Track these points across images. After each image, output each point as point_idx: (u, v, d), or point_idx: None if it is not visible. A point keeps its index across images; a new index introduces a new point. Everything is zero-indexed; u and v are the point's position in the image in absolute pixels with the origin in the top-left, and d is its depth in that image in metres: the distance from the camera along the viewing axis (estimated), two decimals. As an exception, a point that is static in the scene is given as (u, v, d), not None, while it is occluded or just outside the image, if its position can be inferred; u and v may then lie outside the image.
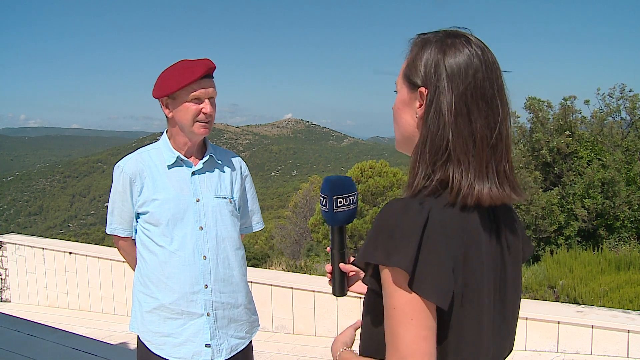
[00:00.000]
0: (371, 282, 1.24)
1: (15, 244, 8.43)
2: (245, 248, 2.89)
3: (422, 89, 1.25)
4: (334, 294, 1.65)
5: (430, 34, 1.31)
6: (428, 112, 1.24)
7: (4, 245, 8.54)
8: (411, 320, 1.11)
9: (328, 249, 1.65)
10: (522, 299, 1.44)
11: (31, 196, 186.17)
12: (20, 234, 9.52)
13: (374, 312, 1.27)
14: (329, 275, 1.64)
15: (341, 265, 1.59)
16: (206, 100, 2.56)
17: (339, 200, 1.54)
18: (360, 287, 1.64)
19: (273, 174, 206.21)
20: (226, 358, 2.64)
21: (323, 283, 6.47)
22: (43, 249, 8.17)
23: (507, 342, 1.36)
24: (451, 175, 1.21)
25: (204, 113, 2.56)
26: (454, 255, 1.16)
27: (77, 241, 16.27)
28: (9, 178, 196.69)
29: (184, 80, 2.51)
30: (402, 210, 1.16)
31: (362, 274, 1.58)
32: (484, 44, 1.27)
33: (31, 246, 8.29)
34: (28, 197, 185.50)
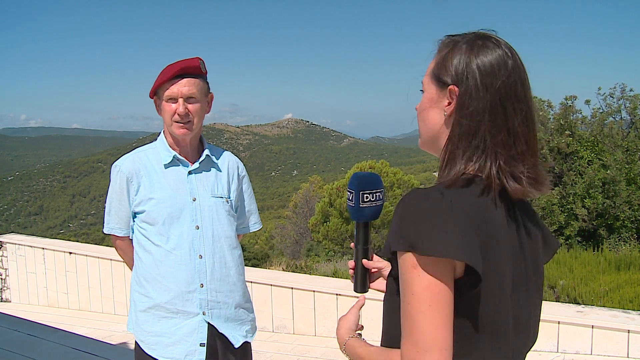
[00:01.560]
0: (397, 272, 1.24)
1: (15, 244, 8.44)
2: (245, 248, 2.89)
3: (453, 87, 1.28)
4: (355, 290, 1.66)
5: (459, 36, 1.34)
6: (460, 110, 1.27)
7: (4, 245, 8.55)
8: (429, 306, 1.12)
9: (352, 244, 1.66)
10: None
11: (31, 196, 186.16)
12: (21, 234, 9.52)
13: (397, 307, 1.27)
14: (351, 271, 1.65)
15: (364, 261, 1.61)
16: (180, 100, 2.55)
17: (365, 195, 1.56)
18: (381, 284, 1.67)
19: (273, 174, 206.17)
20: (239, 344, 2.65)
21: (323, 283, 6.47)
22: (43, 249, 8.17)
23: (529, 335, 1.36)
24: (487, 168, 1.25)
25: (178, 114, 2.55)
26: (477, 240, 1.16)
27: (77, 241, 16.27)
28: (9, 178, 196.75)
29: (159, 79, 2.53)
30: (424, 198, 1.17)
31: (385, 271, 1.65)
32: (511, 46, 1.31)
33: (31, 246, 8.29)
34: (28, 197, 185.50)
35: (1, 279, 8.59)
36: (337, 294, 6.13)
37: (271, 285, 6.58)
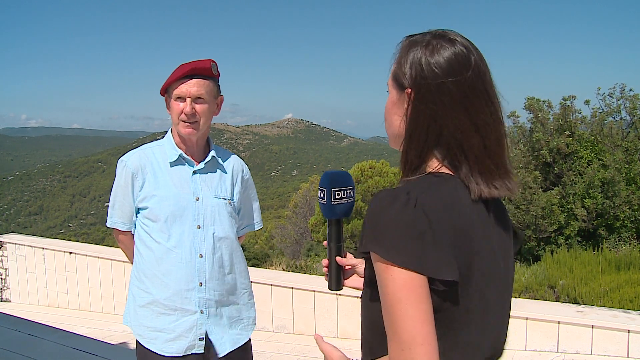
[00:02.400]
0: (370, 272, 1.25)
1: (15, 243, 8.44)
2: (245, 248, 2.91)
3: (408, 90, 1.28)
4: (330, 289, 1.67)
5: (417, 36, 1.33)
6: (414, 111, 1.27)
7: (4, 245, 8.55)
8: (406, 303, 1.12)
9: (325, 242, 1.67)
10: (522, 299, 1.46)
11: (31, 196, 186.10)
12: (21, 233, 9.52)
13: (375, 305, 1.27)
14: (325, 269, 1.67)
15: (337, 258, 1.63)
16: (188, 100, 2.57)
17: (336, 192, 1.60)
18: (355, 281, 1.70)
19: (273, 173, 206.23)
20: (225, 354, 2.65)
21: (323, 283, 6.44)
22: (43, 248, 8.17)
23: (502, 337, 1.37)
24: (456, 167, 1.26)
25: (184, 113, 2.58)
26: (446, 242, 1.17)
27: (77, 241, 16.26)
28: (9, 178, 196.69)
29: (170, 78, 2.57)
30: (390, 200, 1.18)
31: (359, 268, 1.70)
32: (469, 42, 1.29)
33: (31, 246, 8.29)
34: (28, 196, 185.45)
35: (1, 278, 8.59)
36: (337, 294, 6.13)
37: (271, 285, 6.58)
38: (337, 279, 1.65)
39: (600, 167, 15.26)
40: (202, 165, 2.70)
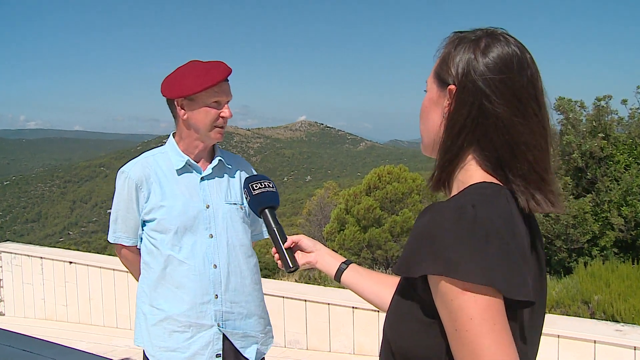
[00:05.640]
0: (425, 294, 1.21)
1: (11, 253, 8.47)
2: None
3: (451, 87, 1.27)
4: (288, 269, 1.82)
5: (466, 32, 1.33)
6: (456, 109, 1.26)
7: (-1, 254, 8.58)
8: (494, 326, 1.09)
9: (269, 237, 1.93)
10: (553, 315, 1.45)
11: (29, 202, 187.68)
12: (17, 242, 9.57)
13: (418, 320, 1.24)
14: (276, 255, 1.86)
15: (288, 239, 1.86)
16: (226, 105, 2.63)
17: (254, 185, 1.94)
18: (303, 259, 1.88)
19: (285, 179, 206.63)
20: None
21: (338, 295, 6.44)
22: (41, 258, 8.19)
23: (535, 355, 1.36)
24: (502, 177, 1.26)
25: (222, 117, 2.62)
26: (519, 260, 1.14)
27: (78, 250, 16.37)
28: (5, 183, 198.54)
29: (206, 82, 2.55)
30: (458, 216, 1.14)
31: (302, 243, 1.89)
32: (522, 45, 1.29)
33: (28, 255, 8.32)
34: (25, 203, 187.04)
35: (-4, 290, 8.63)
36: (353, 307, 6.10)
37: (283, 297, 6.56)
38: (291, 256, 1.84)
39: (639, 172, 15.09)
40: (209, 170, 2.71)
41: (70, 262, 7.99)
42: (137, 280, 2.80)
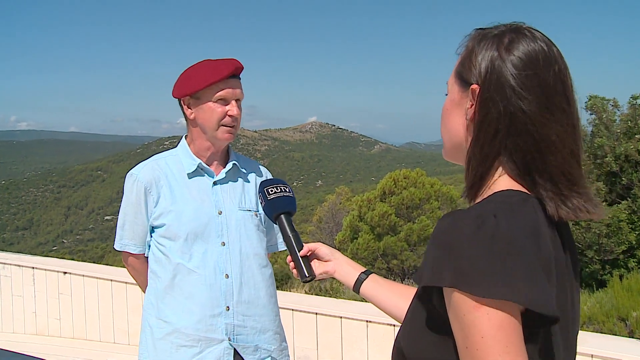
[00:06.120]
0: (440, 306, 1.20)
1: (0, 262, 8.50)
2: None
3: (474, 86, 1.26)
4: (304, 278, 1.83)
5: (488, 29, 1.32)
6: (481, 111, 1.25)
7: (-12, 264, 8.62)
8: (506, 347, 1.07)
9: (285, 245, 1.92)
10: (586, 332, 1.43)
11: (20, 208, 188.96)
12: (6, 251, 9.59)
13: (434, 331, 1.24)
14: (291, 263, 1.86)
15: (305, 246, 1.85)
16: (233, 102, 2.62)
17: (269, 189, 1.95)
18: (323, 267, 1.87)
19: (295, 184, 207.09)
20: None
21: (351, 308, 6.42)
22: (33, 268, 8.21)
23: None
24: (529, 183, 1.24)
25: (229, 115, 2.62)
26: (542, 272, 1.12)
27: (73, 259, 16.45)
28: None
29: (210, 78, 2.57)
30: (476, 225, 1.12)
31: (320, 251, 1.88)
32: (549, 40, 1.28)
33: (19, 265, 8.34)
34: (16, 209, 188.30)
35: (-15, 302, 8.66)
36: (367, 321, 6.07)
37: (292, 310, 6.54)
38: (308, 265, 1.84)
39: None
40: (222, 174, 2.72)
41: (65, 273, 8.01)
42: (144, 292, 2.80)
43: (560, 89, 1.24)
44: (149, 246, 2.72)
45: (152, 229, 2.68)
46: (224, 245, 2.63)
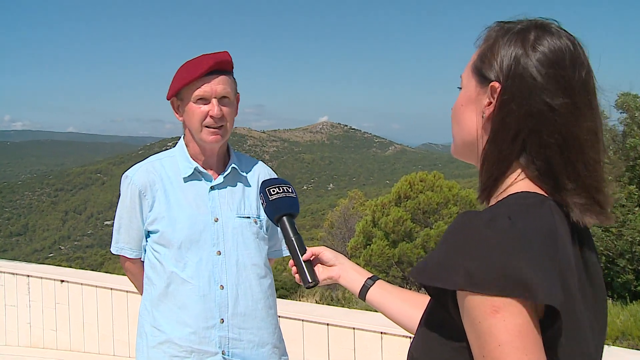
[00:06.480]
0: (456, 313, 1.20)
1: (-6, 270, 8.52)
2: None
3: (495, 84, 1.26)
4: (307, 284, 1.82)
5: (511, 23, 1.32)
6: (501, 110, 1.25)
7: (-21, 272, 8.64)
8: (526, 356, 1.07)
9: (286, 248, 1.92)
10: (617, 348, 1.42)
11: (14, 213, 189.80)
12: (0, 258, 9.62)
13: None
14: (294, 268, 1.85)
15: (308, 250, 1.84)
16: (213, 101, 2.57)
17: (271, 189, 1.94)
18: (328, 272, 1.86)
19: (305, 187, 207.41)
20: None
21: (365, 319, 6.41)
22: (28, 276, 8.24)
23: None
24: (548, 186, 1.25)
25: (210, 116, 2.57)
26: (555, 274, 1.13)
27: (70, 267, 16.53)
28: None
29: (187, 76, 2.55)
30: (489, 226, 1.13)
31: (323, 256, 1.87)
32: (574, 37, 1.29)
33: (13, 273, 8.36)
34: (10, 213, 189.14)
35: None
36: (382, 333, 6.06)
37: (302, 320, 6.54)
38: (310, 270, 1.83)
39: None
40: (220, 179, 2.71)
41: (62, 281, 8.02)
42: (141, 295, 2.81)
43: (587, 88, 1.25)
44: (145, 251, 2.73)
45: (148, 234, 2.68)
46: (220, 254, 2.63)
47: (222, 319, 2.59)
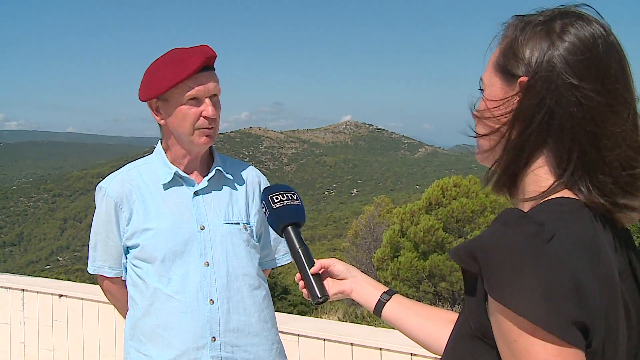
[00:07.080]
0: (481, 320, 1.21)
1: (-16, 284, 8.57)
2: (290, 291, 2.91)
3: (524, 79, 1.28)
4: (316, 300, 1.82)
5: (531, 15, 1.35)
6: (529, 106, 1.26)
7: (-30, 286, 8.70)
8: None
9: (291, 259, 1.92)
10: None
11: (8, 221, 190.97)
12: (-6, 270, 9.68)
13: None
14: (301, 282, 1.84)
15: (317, 262, 1.84)
16: (206, 100, 2.59)
17: (274, 197, 1.94)
18: (337, 286, 1.85)
19: (327, 193, 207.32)
20: None
21: (393, 338, 6.39)
22: (23, 290, 8.27)
23: None
24: (585, 187, 1.24)
25: (204, 117, 2.58)
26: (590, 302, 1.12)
27: (69, 280, 16.61)
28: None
29: (177, 76, 2.53)
30: (530, 234, 1.12)
31: (335, 267, 1.86)
32: (605, 23, 1.30)
33: (6, 287, 8.39)
34: (4, 221, 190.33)
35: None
36: (411, 354, 6.04)
37: (324, 339, 6.54)
38: (319, 284, 1.81)
39: None
40: (204, 183, 2.71)
41: (60, 296, 8.06)
42: (125, 318, 2.80)
43: (622, 77, 1.26)
44: (126, 269, 2.72)
45: (127, 250, 2.68)
46: (208, 265, 2.61)
47: (213, 337, 2.58)
